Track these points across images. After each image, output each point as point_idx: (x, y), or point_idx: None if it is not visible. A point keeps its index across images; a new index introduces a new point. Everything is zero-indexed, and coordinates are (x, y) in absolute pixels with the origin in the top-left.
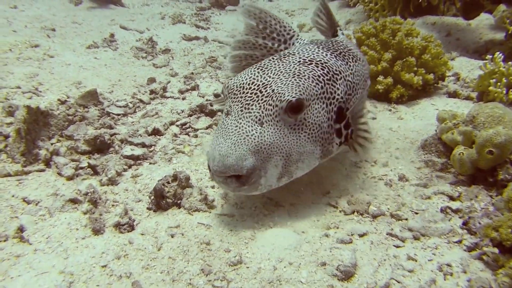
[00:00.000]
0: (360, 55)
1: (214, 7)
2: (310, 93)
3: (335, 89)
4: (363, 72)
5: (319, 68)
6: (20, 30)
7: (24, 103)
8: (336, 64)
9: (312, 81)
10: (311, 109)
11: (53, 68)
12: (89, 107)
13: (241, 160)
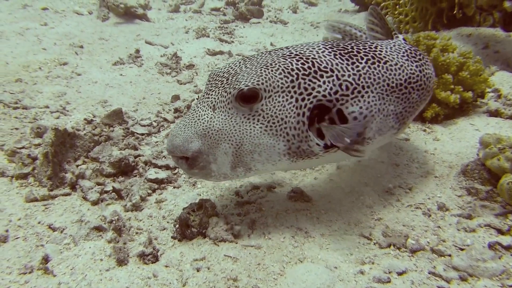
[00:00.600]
0: (401, 64)
1: (238, 20)
2: (272, 84)
3: (314, 85)
4: (391, 81)
5: (299, 62)
6: (49, 48)
7: (52, 123)
8: (329, 61)
9: (279, 73)
10: (272, 101)
11: (80, 86)
12: (114, 126)
13: (187, 142)
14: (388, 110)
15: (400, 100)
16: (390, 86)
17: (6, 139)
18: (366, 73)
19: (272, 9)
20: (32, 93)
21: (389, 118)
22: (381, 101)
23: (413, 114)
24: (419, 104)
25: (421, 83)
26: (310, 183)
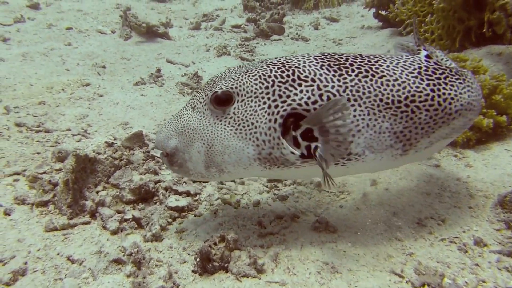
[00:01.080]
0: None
1: (259, 37)
2: (246, 89)
3: (289, 93)
4: (385, 97)
5: (279, 70)
6: (72, 69)
7: (73, 146)
8: (313, 71)
9: (255, 79)
10: (244, 105)
11: (101, 108)
12: (134, 150)
13: (167, 138)
14: (381, 127)
15: (398, 118)
16: (384, 102)
17: (28, 164)
18: (354, 86)
19: (293, 26)
20: (54, 115)
21: (384, 136)
22: (371, 116)
23: (426, 137)
24: (434, 128)
25: (432, 104)
26: (335, 211)
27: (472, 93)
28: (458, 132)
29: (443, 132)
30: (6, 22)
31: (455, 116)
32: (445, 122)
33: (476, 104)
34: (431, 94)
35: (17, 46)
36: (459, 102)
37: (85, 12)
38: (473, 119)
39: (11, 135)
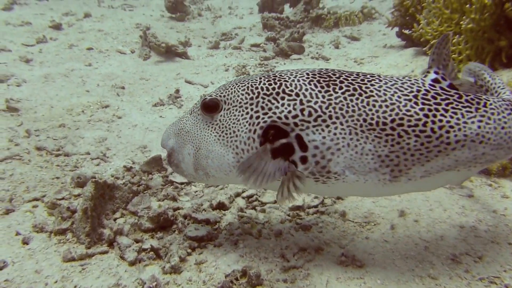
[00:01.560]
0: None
1: (278, 56)
2: (233, 98)
3: (271, 106)
4: (369, 117)
5: (267, 82)
6: (92, 90)
7: (92, 170)
8: (299, 86)
9: (243, 90)
10: (229, 114)
11: (120, 131)
12: (153, 174)
13: (167, 138)
14: (364, 148)
15: (383, 141)
16: (367, 123)
17: (47, 190)
18: (338, 104)
19: (313, 45)
20: (74, 138)
21: (367, 158)
22: (352, 136)
23: (419, 166)
24: (428, 156)
25: (424, 130)
26: (361, 243)
27: (486, 124)
28: (470, 166)
29: (444, 163)
30: (29, 43)
31: (456, 146)
32: (442, 151)
33: (496, 138)
34: (423, 119)
35: (39, 67)
36: (461, 132)
37: (105, 32)
38: (497, 155)
39: (31, 159)
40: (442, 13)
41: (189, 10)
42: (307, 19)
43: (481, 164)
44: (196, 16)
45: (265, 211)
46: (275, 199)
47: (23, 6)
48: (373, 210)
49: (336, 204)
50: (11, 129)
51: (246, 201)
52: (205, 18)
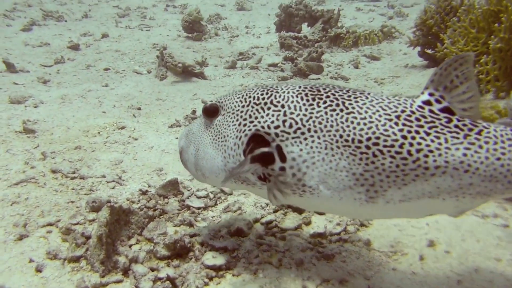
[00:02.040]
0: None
1: (296, 76)
2: (229, 105)
3: (257, 115)
4: (345, 134)
5: (260, 93)
6: (109, 111)
7: (108, 194)
8: (287, 98)
9: (238, 98)
10: (224, 119)
11: (136, 153)
12: (169, 198)
13: (180, 138)
14: (338, 164)
15: (357, 159)
16: (343, 139)
17: (61, 214)
18: (318, 118)
19: (332, 64)
20: (90, 161)
21: (341, 175)
22: (328, 151)
23: (396, 189)
24: (405, 180)
25: (400, 151)
26: (387, 275)
27: (475, 153)
28: (458, 196)
29: (424, 189)
30: (47, 64)
31: (436, 172)
32: (420, 176)
33: (487, 169)
34: (400, 140)
35: (56, 88)
36: (441, 158)
37: (122, 52)
38: (492, 188)
39: (47, 182)
40: (468, 32)
41: (206, 30)
42: (326, 38)
43: (471, 195)
44: (213, 36)
45: (285, 239)
46: (296, 225)
47: (42, 27)
48: (400, 239)
49: (360, 232)
50: (27, 151)
51: (265, 227)
52: (222, 38)
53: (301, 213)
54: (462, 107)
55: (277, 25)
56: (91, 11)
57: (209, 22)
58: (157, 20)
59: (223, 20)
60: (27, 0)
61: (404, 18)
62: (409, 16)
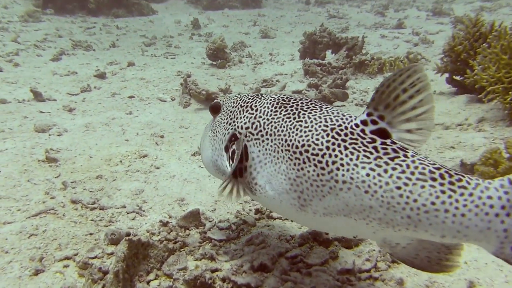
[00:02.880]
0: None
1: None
2: (225, 105)
3: (238, 116)
4: (289, 138)
5: (247, 98)
6: (132, 139)
7: (127, 225)
8: (262, 103)
9: (233, 99)
10: (220, 117)
11: (158, 182)
12: (190, 229)
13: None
14: (280, 167)
15: (292, 164)
16: (286, 144)
17: (79, 247)
18: (276, 122)
19: (357, 91)
20: (110, 190)
21: (281, 177)
22: (275, 153)
23: (318, 199)
24: (323, 191)
25: (321, 161)
26: None
27: (378, 175)
28: (365, 220)
29: (337, 204)
30: (73, 92)
31: (343, 187)
32: (332, 189)
33: (385, 195)
34: (324, 150)
35: (81, 116)
36: (349, 173)
37: (147, 80)
38: (391, 219)
39: (66, 213)
40: (499, 59)
41: (230, 57)
42: (350, 65)
43: (377, 222)
44: (237, 63)
45: (311, 275)
46: (322, 260)
47: (71, 56)
48: (436, 278)
49: (392, 269)
50: (48, 181)
51: (290, 262)
52: (246, 65)
53: (328, 247)
54: (407, 127)
55: (301, 52)
56: (118, 41)
57: (233, 50)
58: (182, 48)
59: (247, 48)
60: (58, 31)
61: (430, 45)
62: (435, 43)
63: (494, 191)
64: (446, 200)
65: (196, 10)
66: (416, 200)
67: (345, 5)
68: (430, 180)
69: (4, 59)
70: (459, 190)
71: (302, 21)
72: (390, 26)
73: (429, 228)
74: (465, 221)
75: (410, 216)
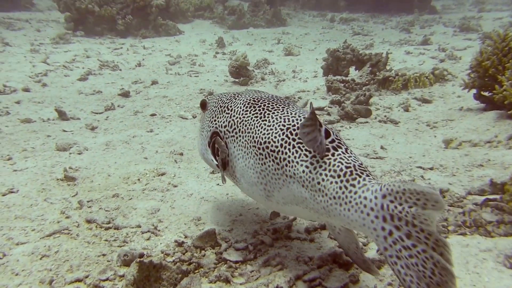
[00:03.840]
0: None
1: (343, 119)
2: (211, 103)
3: (219, 116)
4: (256, 135)
5: (225, 98)
6: (151, 157)
7: (142, 245)
8: (237, 104)
9: (216, 99)
10: (206, 114)
11: (174, 201)
12: (206, 250)
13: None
14: (249, 161)
15: (257, 159)
16: (253, 140)
17: (91, 269)
18: (246, 121)
19: (380, 107)
20: (126, 209)
21: (250, 171)
22: (245, 149)
23: (277, 191)
24: (279, 182)
25: (277, 157)
26: None
27: (310, 174)
28: (307, 208)
29: (288, 195)
30: (98, 111)
31: (290, 181)
32: (285, 181)
33: (313, 190)
34: (279, 148)
35: (103, 134)
36: (293, 169)
37: (169, 98)
38: (315, 206)
39: (80, 233)
40: None
41: (253, 75)
42: (374, 81)
43: (313, 211)
44: (259, 80)
45: None
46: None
47: (97, 76)
48: None
49: None
50: (65, 200)
51: (308, 285)
52: (268, 82)
53: (348, 269)
54: None
55: (324, 69)
56: (144, 60)
57: (257, 67)
58: (206, 66)
59: (270, 65)
60: (86, 52)
61: (457, 60)
62: (462, 58)
63: (370, 194)
64: (341, 195)
65: (221, 29)
66: (326, 194)
67: (370, 22)
68: (337, 177)
69: (33, 79)
70: (349, 187)
71: (327, 39)
72: (416, 42)
73: (335, 218)
74: (350, 216)
75: (324, 207)
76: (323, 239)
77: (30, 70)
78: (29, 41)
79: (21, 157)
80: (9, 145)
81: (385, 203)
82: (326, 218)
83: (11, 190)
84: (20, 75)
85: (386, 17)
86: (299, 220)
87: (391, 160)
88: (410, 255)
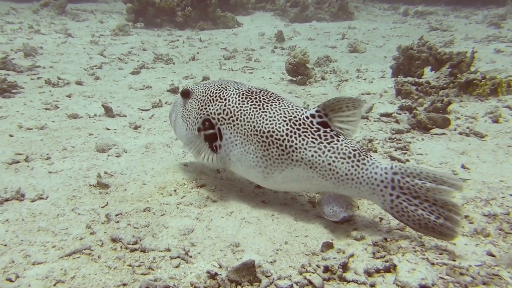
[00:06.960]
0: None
1: (415, 129)
2: (196, 92)
3: (210, 104)
4: (257, 125)
5: (218, 88)
6: (191, 164)
7: (169, 274)
8: (231, 94)
9: (202, 88)
10: (191, 102)
11: (211, 220)
12: (243, 285)
13: (172, 105)
14: (249, 148)
15: (259, 146)
16: (255, 129)
17: None
18: (244, 110)
19: (461, 116)
20: (156, 228)
21: (249, 156)
22: (244, 137)
23: (278, 172)
24: (283, 166)
25: (282, 144)
26: None
27: (319, 157)
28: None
29: (291, 175)
30: (145, 107)
31: (296, 164)
32: (289, 165)
33: (323, 170)
34: (284, 136)
35: (145, 135)
36: (300, 154)
37: None
38: (322, 182)
39: (102, 254)
40: None
41: (312, 73)
42: (454, 85)
43: (316, 186)
44: (319, 80)
45: None
46: None
47: (150, 70)
48: None
49: None
50: (94, 211)
51: None
52: (328, 82)
53: None
54: (341, 125)
55: (394, 69)
56: (199, 54)
57: (317, 65)
58: (262, 62)
59: (332, 63)
60: (143, 44)
61: None
62: None
63: (379, 169)
64: (353, 172)
65: (282, 22)
66: (337, 172)
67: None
68: (347, 158)
69: (88, 72)
70: (361, 165)
71: (398, 34)
72: (508, 39)
73: (344, 190)
74: (361, 187)
75: (334, 182)
76: (387, 285)
77: (86, 62)
78: (90, 33)
79: (59, 157)
80: (51, 143)
81: (395, 177)
82: (332, 189)
83: (41, 196)
84: (76, 67)
85: (470, 10)
86: (357, 257)
87: (476, 184)
88: (416, 209)
